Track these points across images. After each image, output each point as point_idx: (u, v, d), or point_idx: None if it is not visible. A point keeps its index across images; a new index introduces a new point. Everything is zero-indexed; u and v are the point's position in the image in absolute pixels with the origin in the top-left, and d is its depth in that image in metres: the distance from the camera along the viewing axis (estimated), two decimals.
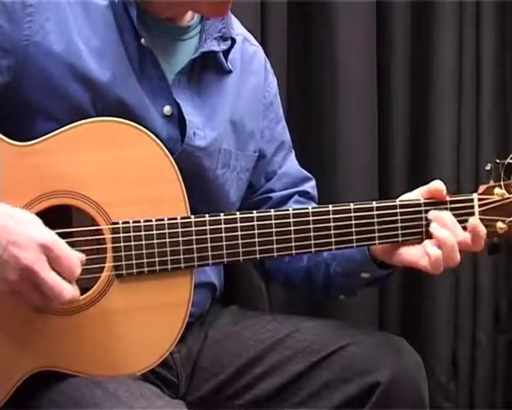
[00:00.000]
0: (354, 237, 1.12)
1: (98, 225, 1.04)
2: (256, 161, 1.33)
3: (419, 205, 1.14)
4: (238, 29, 1.31)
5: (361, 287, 1.27)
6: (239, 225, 1.08)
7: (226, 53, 1.24)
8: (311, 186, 1.41)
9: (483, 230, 1.13)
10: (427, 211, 1.14)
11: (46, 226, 0.96)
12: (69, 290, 0.94)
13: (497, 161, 1.15)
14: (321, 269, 1.28)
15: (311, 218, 1.11)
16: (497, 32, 2.04)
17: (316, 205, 1.38)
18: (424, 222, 1.14)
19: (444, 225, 1.12)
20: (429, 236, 1.13)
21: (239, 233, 1.08)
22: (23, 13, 1.07)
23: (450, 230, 1.11)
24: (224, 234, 1.08)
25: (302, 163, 1.44)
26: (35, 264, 0.91)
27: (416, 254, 1.13)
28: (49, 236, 0.94)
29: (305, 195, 1.39)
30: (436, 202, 1.15)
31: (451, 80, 1.96)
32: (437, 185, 1.15)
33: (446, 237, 1.10)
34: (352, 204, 1.12)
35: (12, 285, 0.93)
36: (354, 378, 1.17)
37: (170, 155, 1.07)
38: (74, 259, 0.95)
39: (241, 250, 1.08)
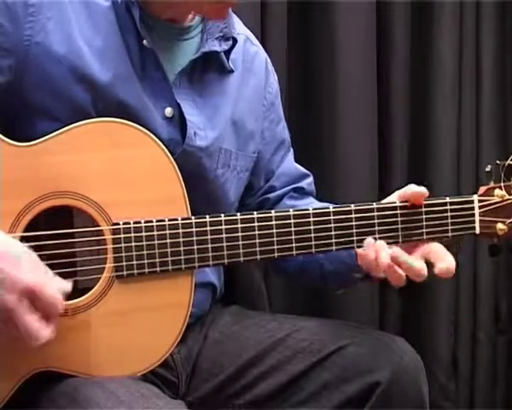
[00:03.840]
0: (355, 238, 1.12)
1: (99, 226, 1.04)
2: (255, 161, 1.33)
3: (419, 206, 1.14)
4: (240, 29, 1.31)
5: (356, 283, 1.27)
6: (240, 226, 1.08)
7: (228, 53, 1.24)
8: (307, 183, 1.42)
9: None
10: (427, 212, 1.14)
11: (47, 230, 0.97)
12: (43, 336, 0.94)
13: (498, 162, 1.16)
14: (316, 267, 1.28)
15: (311, 219, 1.11)
16: (497, 32, 2.04)
17: (313, 199, 1.39)
18: (424, 223, 1.14)
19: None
20: (428, 237, 1.13)
21: (239, 234, 1.08)
22: (25, 13, 1.06)
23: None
24: (224, 235, 1.08)
25: (302, 162, 1.44)
26: (15, 309, 0.92)
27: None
28: (34, 278, 0.94)
29: (300, 190, 1.39)
30: (436, 203, 1.15)
31: (451, 80, 1.96)
32: (412, 190, 1.14)
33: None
34: (352, 205, 1.13)
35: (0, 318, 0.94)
36: (354, 378, 1.17)
37: (170, 156, 1.07)
38: (55, 301, 0.95)
39: (241, 251, 1.08)
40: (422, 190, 1.13)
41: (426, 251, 1.14)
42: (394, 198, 1.16)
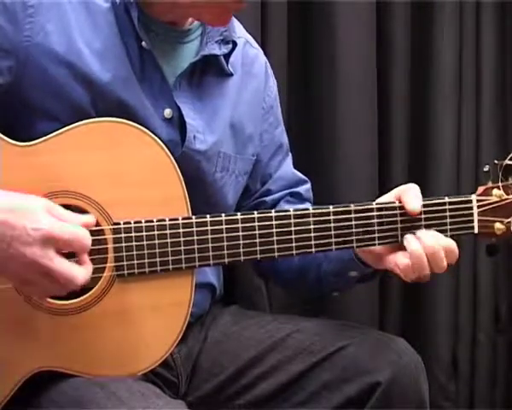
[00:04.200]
0: (354, 238, 1.12)
1: (100, 226, 1.04)
2: (253, 164, 1.33)
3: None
4: (240, 32, 1.31)
5: (352, 284, 1.27)
6: (240, 225, 1.08)
7: (227, 56, 1.23)
8: (304, 189, 1.41)
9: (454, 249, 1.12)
10: (426, 212, 1.14)
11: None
12: (81, 274, 0.95)
13: (496, 162, 1.16)
14: (313, 268, 1.28)
15: (311, 219, 1.11)
16: (497, 32, 2.04)
17: (310, 206, 1.39)
18: (423, 223, 1.14)
19: (418, 238, 1.12)
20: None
21: (240, 234, 1.08)
22: (24, 14, 1.07)
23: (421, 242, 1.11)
24: (224, 234, 1.08)
25: (301, 164, 1.44)
26: (41, 258, 0.92)
27: (394, 262, 1.13)
28: (50, 224, 0.93)
29: (297, 196, 1.39)
30: (435, 203, 1.15)
31: (451, 80, 1.96)
32: (408, 207, 1.13)
33: (414, 249, 1.11)
34: (352, 205, 1.13)
35: (24, 278, 0.93)
36: (354, 378, 1.17)
37: (171, 156, 1.07)
38: (80, 235, 0.95)
39: (241, 251, 1.09)
40: (417, 209, 1.13)
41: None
42: (392, 197, 1.16)
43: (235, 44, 1.24)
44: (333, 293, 1.36)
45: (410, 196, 1.13)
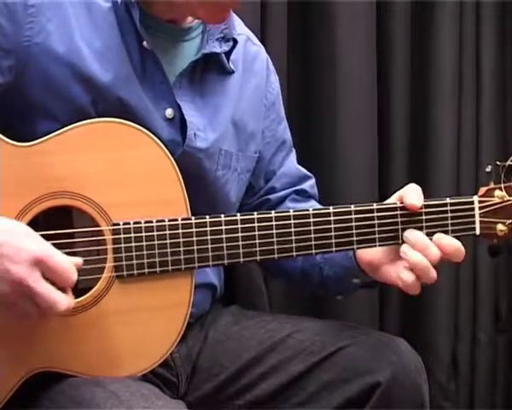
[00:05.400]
0: (355, 239, 1.12)
1: (99, 226, 1.04)
2: (256, 162, 1.33)
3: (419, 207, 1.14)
4: (241, 29, 1.31)
5: (355, 290, 1.27)
6: (239, 226, 1.08)
7: (228, 54, 1.23)
8: (309, 185, 1.42)
9: (449, 244, 1.11)
10: (427, 213, 1.14)
11: (47, 230, 0.97)
12: (63, 302, 0.94)
13: (498, 163, 1.15)
14: (315, 271, 1.28)
15: (311, 219, 1.11)
16: (497, 32, 2.04)
17: (316, 203, 1.39)
18: (424, 224, 1.14)
19: (414, 246, 1.10)
20: (429, 238, 1.13)
21: (239, 235, 1.08)
22: (25, 13, 1.06)
23: (422, 251, 1.09)
24: (224, 235, 1.08)
25: (302, 163, 1.44)
26: (27, 278, 0.91)
27: (393, 275, 1.13)
28: (41, 248, 0.94)
29: (303, 193, 1.39)
30: (436, 204, 1.14)
31: (451, 80, 1.96)
32: (408, 201, 1.12)
33: (417, 260, 1.09)
34: (352, 206, 1.12)
35: (5, 298, 0.93)
36: (354, 379, 1.16)
37: (171, 156, 1.07)
38: (68, 267, 0.95)
39: (241, 251, 1.08)
40: (416, 203, 1.12)
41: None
42: (394, 199, 1.16)
43: (235, 42, 1.23)
44: (337, 296, 1.36)
45: (410, 193, 1.13)
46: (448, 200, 1.15)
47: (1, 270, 0.91)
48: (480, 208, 1.15)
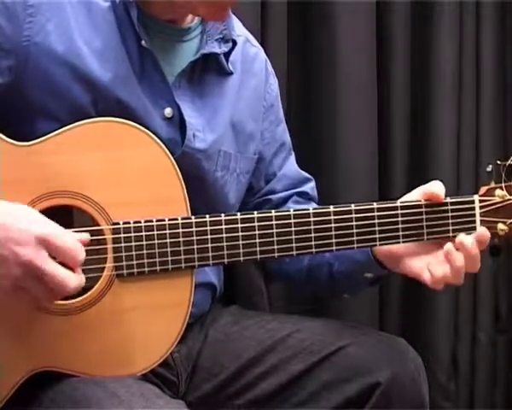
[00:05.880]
0: (355, 238, 1.12)
1: (99, 226, 1.04)
2: (256, 163, 1.33)
3: (420, 206, 1.14)
4: (240, 30, 1.31)
5: (365, 286, 1.28)
6: (240, 225, 1.08)
7: (227, 55, 1.23)
8: (310, 187, 1.42)
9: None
10: (428, 212, 1.14)
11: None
12: (74, 279, 0.94)
13: (499, 162, 1.15)
14: (323, 269, 1.28)
15: (312, 219, 1.11)
16: (497, 32, 2.04)
17: (316, 206, 1.39)
18: (425, 223, 1.14)
19: (462, 249, 1.11)
20: (429, 237, 1.13)
21: (240, 234, 1.08)
22: (24, 13, 1.07)
23: (466, 258, 1.10)
24: (224, 234, 1.08)
25: (302, 164, 1.44)
26: (35, 259, 0.92)
27: (419, 268, 1.14)
28: (47, 228, 0.94)
29: (304, 196, 1.40)
30: (437, 204, 1.15)
31: (451, 80, 1.96)
32: (434, 189, 1.15)
33: (461, 265, 1.10)
34: (352, 205, 1.12)
35: (15, 281, 0.93)
36: (354, 379, 1.17)
37: (170, 156, 1.07)
38: (75, 246, 0.95)
39: (241, 251, 1.08)
40: (440, 193, 1.14)
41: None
42: (418, 195, 1.16)
43: (234, 43, 1.24)
44: (344, 295, 1.36)
45: (434, 184, 1.15)
46: (448, 199, 1.15)
47: (10, 253, 0.91)
48: (481, 208, 1.15)
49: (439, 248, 1.14)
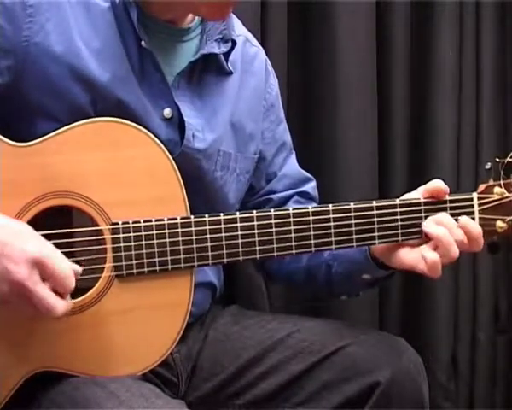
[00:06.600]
0: (354, 237, 1.12)
1: (98, 226, 1.04)
2: (256, 162, 1.33)
3: (419, 204, 1.15)
4: (239, 30, 1.31)
5: (363, 288, 1.28)
6: (239, 224, 1.08)
7: (227, 55, 1.23)
8: (311, 187, 1.42)
9: (475, 227, 1.12)
10: (426, 210, 1.14)
11: (46, 230, 0.97)
12: (61, 306, 0.94)
13: (497, 159, 1.15)
14: (322, 269, 1.28)
15: (311, 217, 1.11)
16: (497, 32, 2.04)
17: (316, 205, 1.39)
18: (424, 221, 1.14)
19: (439, 223, 1.12)
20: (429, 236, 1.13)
21: (239, 233, 1.08)
22: (23, 13, 1.07)
23: (447, 227, 1.11)
24: (223, 234, 1.08)
25: (302, 163, 1.44)
26: (26, 279, 0.91)
27: (414, 259, 1.13)
28: (43, 250, 0.94)
29: (305, 195, 1.39)
30: (436, 202, 1.15)
31: (451, 80, 1.96)
32: (436, 185, 1.15)
33: (441, 234, 1.10)
34: (352, 204, 1.13)
35: (2, 297, 0.93)
36: (354, 378, 1.16)
37: (169, 156, 1.07)
38: (68, 273, 0.95)
39: (240, 250, 1.08)
40: (444, 186, 1.15)
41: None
42: (418, 194, 1.16)
43: (234, 43, 1.24)
44: (342, 296, 1.36)
45: (435, 181, 1.16)
46: (447, 197, 1.15)
47: (2, 269, 0.91)
48: (480, 205, 1.15)
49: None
